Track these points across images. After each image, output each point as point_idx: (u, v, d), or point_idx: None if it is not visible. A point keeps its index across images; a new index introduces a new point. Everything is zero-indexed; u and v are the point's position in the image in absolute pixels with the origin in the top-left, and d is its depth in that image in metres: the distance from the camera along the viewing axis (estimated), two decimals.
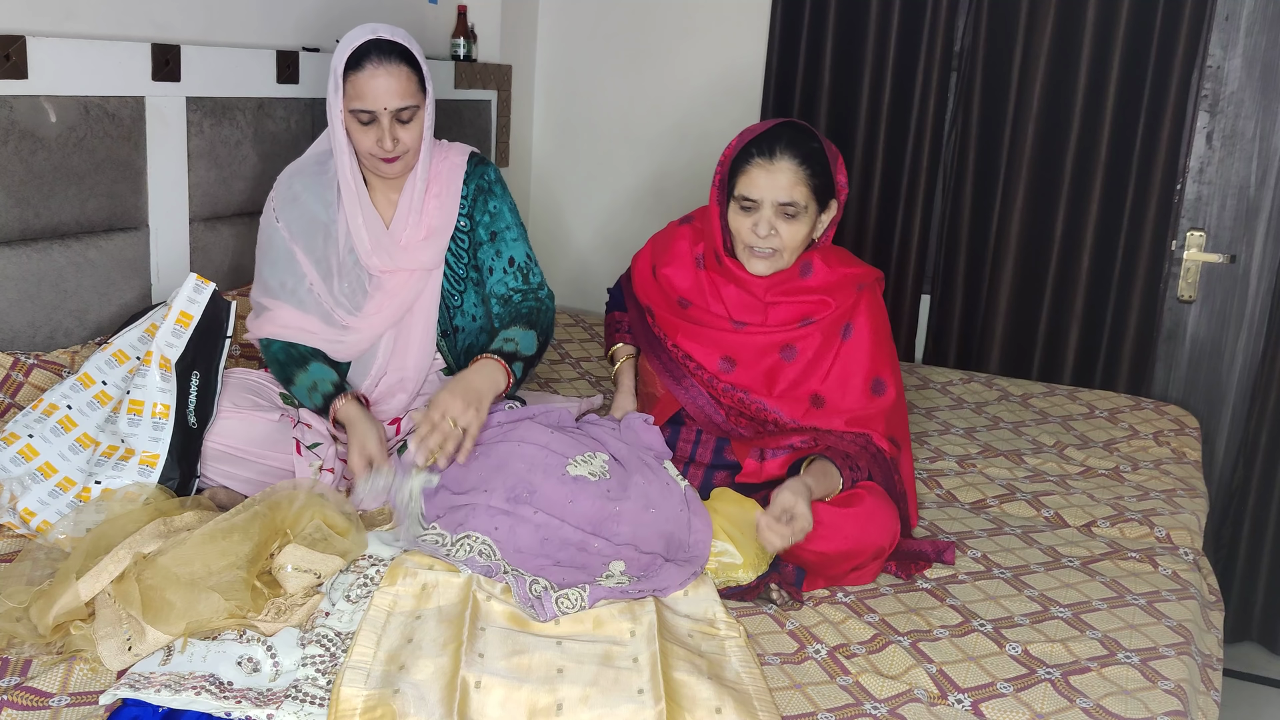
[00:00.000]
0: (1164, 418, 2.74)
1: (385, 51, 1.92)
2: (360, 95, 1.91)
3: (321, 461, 1.93)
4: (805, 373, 1.93)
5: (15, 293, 2.05)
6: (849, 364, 1.93)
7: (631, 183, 3.60)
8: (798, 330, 1.94)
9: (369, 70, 1.91)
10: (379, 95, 1.91)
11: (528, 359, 1.95)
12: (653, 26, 3.47)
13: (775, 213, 1.87)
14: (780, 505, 1.68)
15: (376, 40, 1.92)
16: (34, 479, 1.79)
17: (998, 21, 3.03)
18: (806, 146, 1.88)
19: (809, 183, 1.86)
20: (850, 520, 1.79)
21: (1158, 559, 2.00)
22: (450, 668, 1.45)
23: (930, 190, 3.18)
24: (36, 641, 1.46)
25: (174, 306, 1.88)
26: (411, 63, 1.95)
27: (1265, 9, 2.89)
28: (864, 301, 1.96)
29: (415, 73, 1.96)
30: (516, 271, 2.07)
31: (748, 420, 1.94)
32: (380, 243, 2.01)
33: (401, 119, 1.94)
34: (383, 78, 1.91)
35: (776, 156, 1.85)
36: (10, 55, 1.96)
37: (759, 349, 1.95)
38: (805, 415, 1.92)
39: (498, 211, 2.09)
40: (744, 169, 1.89)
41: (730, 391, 1.94)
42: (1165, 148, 2.90)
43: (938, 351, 3.27)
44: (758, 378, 1.94)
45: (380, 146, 1.94)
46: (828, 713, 1.47)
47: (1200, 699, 1.64)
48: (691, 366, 1.97)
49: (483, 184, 2.10)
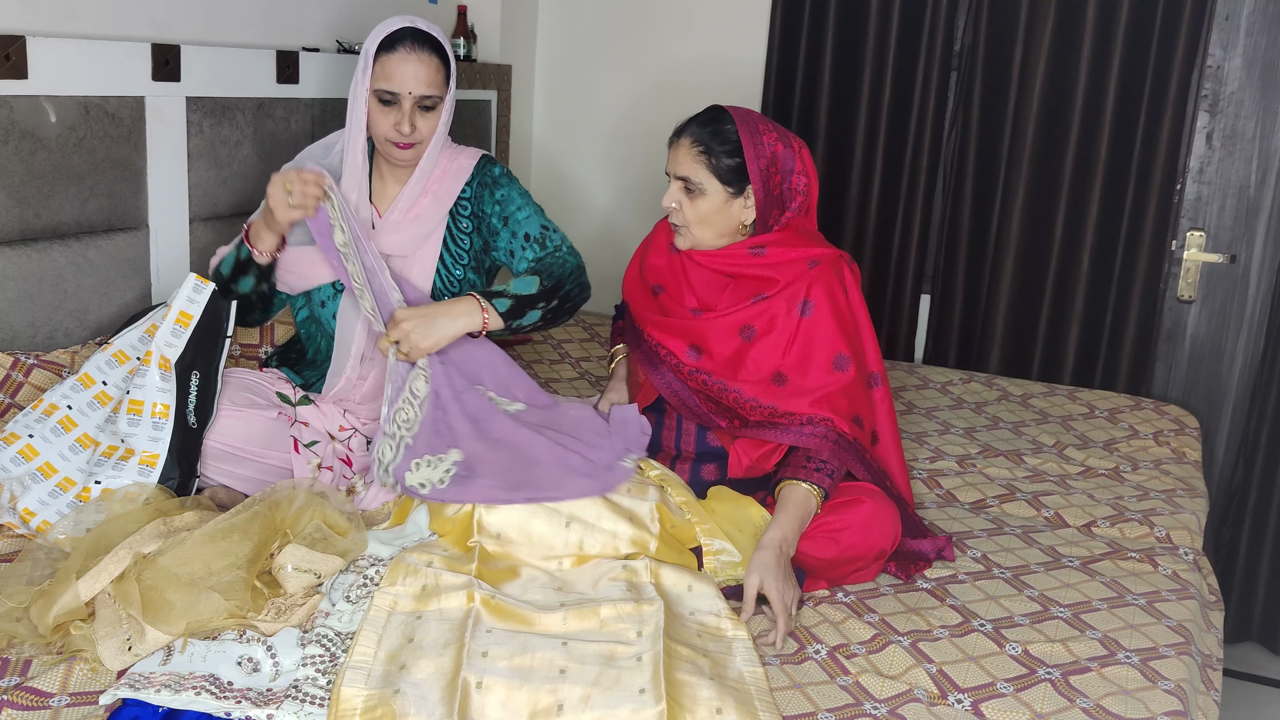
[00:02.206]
0: (1164, 418, 2.74)
1: (420, 39, 1.97)
2: (388, 76, 1.95)
3: (320, 459, 1.94)
4: (766, 351, 1.95)
5: (15, 293, 2.05)
6: (809, 340, 1.94)
7: (631, 182, 3.60)
8: (751, 308, 1.96)
9: (401, 54, 1.95)
10: (407, 79, 1.95)
11: (519, 298, 1.93)
12: (653, 26, 3.47)
13: (678, 187, 1.98)
14: (747, 599, 1.70)
15: (413, 28, 1.97)
16: (34, 479, 1.79)
17: (998, 21, 3.03)
18: (712, 128, 1.96)
19: (703, 161, 1.94)
20: (852, 526, 1.80)
21: (1158, 559, 2.00)
22: (451, 668, 1.45)
23: (930, 190, 3.18)
24: (36, 641, 1.46)
25: (174, 306, 1.89)
26: (442, 57, 2.00)
27: (1265, 9, 2.89)
28: (822, 278, 1.96)
29: (444, 67, 2.00)
30: (534, 244, 2.08)
31: (714, 403, 1.95)
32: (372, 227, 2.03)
33: (424, 106, 1.98)
34: (413, 63, 1.95)
35: (682, 135, 1.99)
36: (10, 55, 1.96)
37: (720, 333, 1.97)
38: (766, 394, 1.92)
39: (506, 197, 2.10)
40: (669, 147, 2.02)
41: (696, 374, 1.97)
42: (1165, 148, 2.90)
43: (938, 351, 3.27)
44: (725, 363, 1.96)
45: (398, 130, 1.96)
46: (828, 713, 1.47)
47: (1200, 699, 1.64)
48: (664, 354, 2.01)
49: (485, 179, 2.11)
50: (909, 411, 2.73)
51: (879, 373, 1.99)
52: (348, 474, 1.98)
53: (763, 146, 1.95)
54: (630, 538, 1.75)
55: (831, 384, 1.91)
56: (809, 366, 1.93)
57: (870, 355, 1.98)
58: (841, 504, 1.83)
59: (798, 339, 1.94)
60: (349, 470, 2.00)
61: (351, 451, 2.03)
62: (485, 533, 1.74)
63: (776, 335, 1.95)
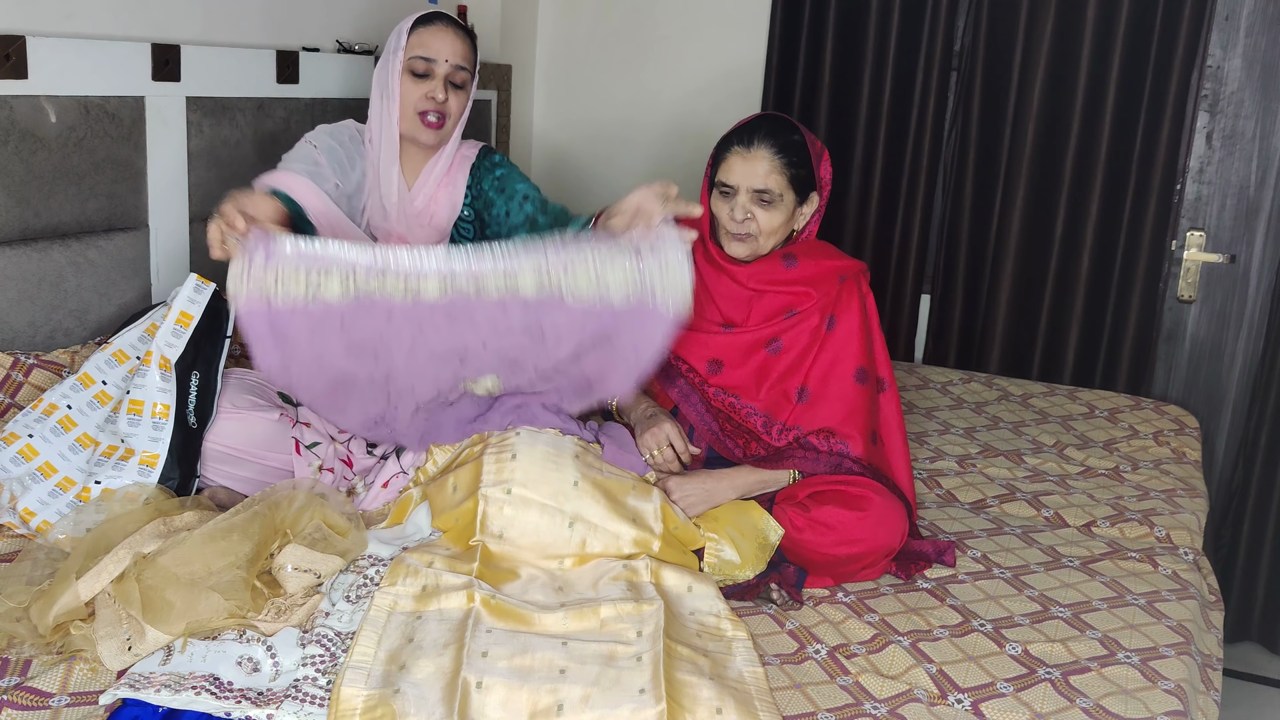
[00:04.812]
0: (1164, 418, 2.74)
1: (455, 21, 2.08)
2: (425, 45, 2.03)
3: (321, 461, 1.93)
4: (792, 366, 1.95)
5: (15, 293, 2.05)
6: (834, 356, 1.95)
7: (632, 182, 3.56)
8: (783, 323, 1.97)
9: (438, 26, 2.05)
10: (444, 47, 2.03)
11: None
12: (653, 26, 3.47)
13: (750, 199, 1.93)
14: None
15: (444, 13, 2.08)
16: (34, 479, 1.79)
17: (998, 21, 3.03)
18: (785, 137, 1.93)
19: (785, 172, 1.92)
20: (861, 524, 1.82)
21: (1158, 559, 2.00)
22: (451, 668, 1.45)
23: (930, 190, 3.18)
24: (36, 641, 1.46)
25: (174, 306, 1.88)
26: (473, 43, 2.09)
27: (1265, 9, 2.89)
28: (847, 293, 1.98)
29: (473, 52, 2.09)
30: (533, 202, 2.14)
31: (733, 427, 1.95)
32: (402, 205, 2.09)
33: (454, 82, 2.05)
34: (450, 35, 2.05)
35: (754, 145, 1.92)
36: (10, 55, 1.96)
37: (745, 348, 1.97)
38: (791, 414, 1.93)
39: (505, 176, 2.17)
40: (725, 157, 1.96)
41: (721, 395, 1.95)
42: (1165, 148, 2.90)
43: (938, 351, 3.27)
44: (747, 377, 1.96)
45: (432, 99, 2.02)
46: (828, 713, 1.47)
47: (1200, 699, 1.64)
48: (683, 369, 1.99)
49: (485, 164, 2.19)
50: (909, 411, 2.73)
51: (887, 379, 2.01)
52: (348, 475, 1.98)
53: (822, 157, 1.98)
54: (633, 539, 1.75)
55: (854, 399, 1.93)
56: (831, 381, 1.95)
57: (880, 362, 2.01)
58: (852, 501, 1.84)
59: (822, 354, 1.96)
60: (349, 472, 1.99)
61: (352, 453, 2.02)
62: (488, 532, 1.73)
63: (802, 350, 1.96)
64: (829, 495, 1.85)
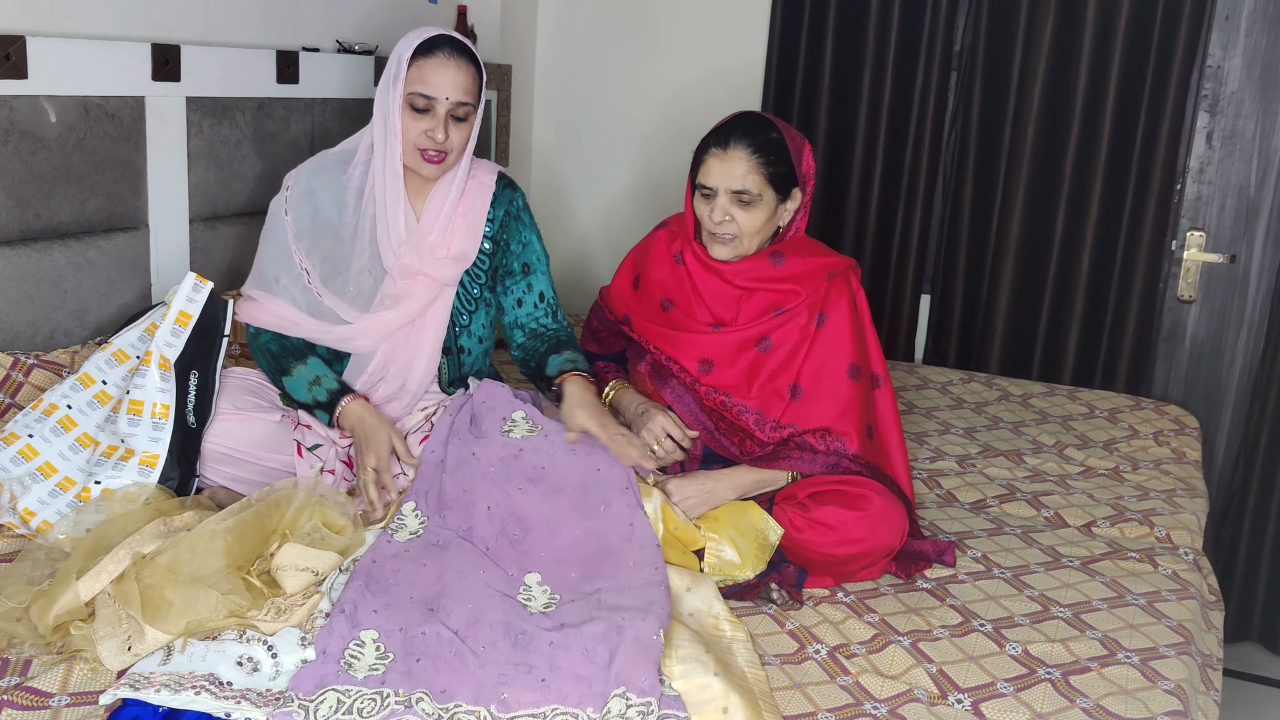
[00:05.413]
0: (1164, 418, 2.74)
1: (457, 47, 1.94)
2: (425, 80, 1.90)
3: (322, 463, 1.93)
4: (783, 364, 1.95)
5: (15, 293, 2.05)
6: (825, 352, 1.95)
7: (631, 182, 3.60)
8: (771, 321, 1.96)
9: (439, 58, 1.91)
10: (444, 84, 1.91)
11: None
12: (652, 26, 3.47)
13: (730, 200, 1.92)
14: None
15: (449, 35, 1.95)
16: (34, 479, 1.79)
17: (998, 21, 3.03)
18: (762, 136, 1.92)
19: (763, 171, 1.91)
20: (861, 524, 1.82)
21: (1158, 559, 2.00)
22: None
23: (930, 190, 3.18)
24: (36, 641, 1.46)
25: (173, 306, 1.89)
26: (477, 67, 1.96)
27: (1265, 9, 2.89)
28: (836, 290, 1.98)
29: (478, 77, 1.96)
30: (546, 307, 2.10)
31: (727, 425, 1.95)
32: (413, 240, 1.98)
33: (457, 116, 1.93)
34: (452, 69, 1.91)
35: (730, 146, 1.91)
36: (10, 55, 1.96)
37: (735, 347, 1.97)
38: (785, 411, 1.93)
39: (529, 243, 2.10)
40: (703, 159, 1.95)
41: (712, 394, 1.95)
42: (1165, 148, 2.90)
43: (938, 351, 3.26)
44: (738, 375, 1.96)
45: (431, 138, 1.92)
46: (828, 713, 1.47)
47: (1200, 699, 1.64)
48: (675, 369, 1.99)
49: (511, 209, 2.10)
50: (909, 411, 2.73)
51: (881, 375, 2.00)
52: (349, 477, 1.98)
53: (803, 151, 1.97)
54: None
55: (848, 395, 1.92)
56: (823, 378, 1.94)
57: (874, 358, 2.00)
58: (852, 501, 1.84)
59: (814, 351, 1.95)
60: (351, 473, 1.99)
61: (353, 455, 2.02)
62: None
63: (793, 348, 1.95)
64: (829, 495, 1.86)
